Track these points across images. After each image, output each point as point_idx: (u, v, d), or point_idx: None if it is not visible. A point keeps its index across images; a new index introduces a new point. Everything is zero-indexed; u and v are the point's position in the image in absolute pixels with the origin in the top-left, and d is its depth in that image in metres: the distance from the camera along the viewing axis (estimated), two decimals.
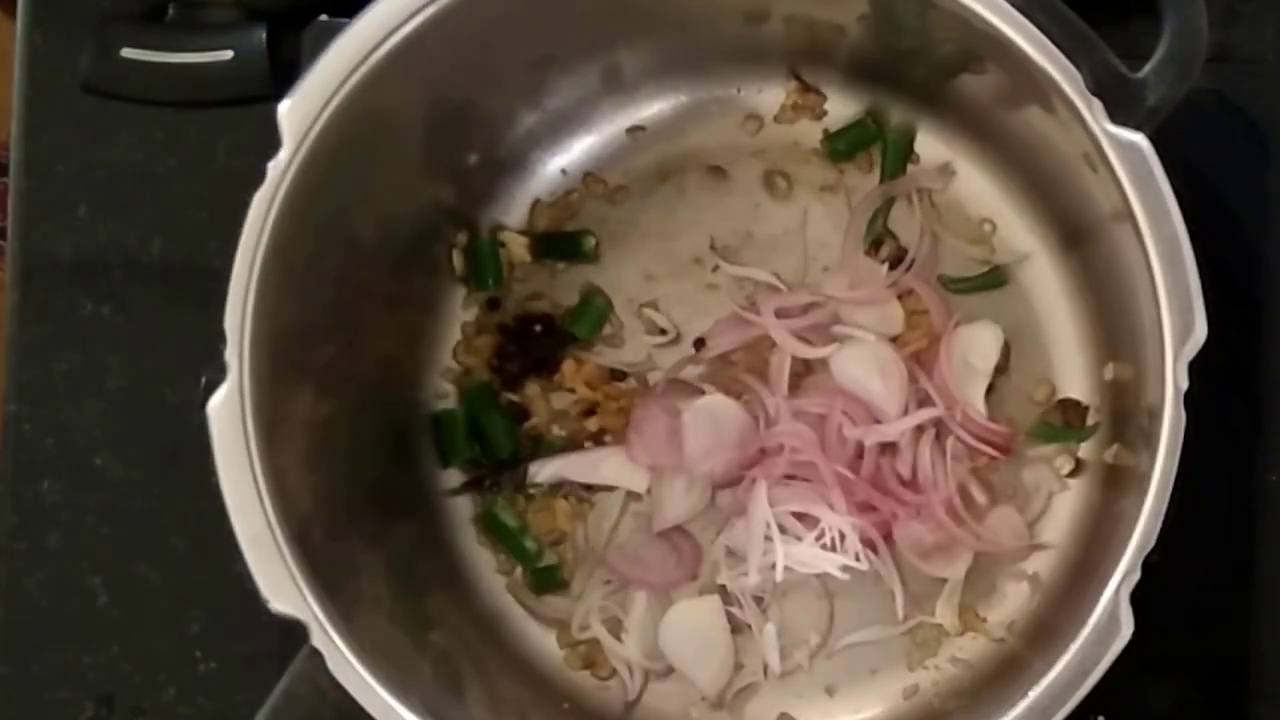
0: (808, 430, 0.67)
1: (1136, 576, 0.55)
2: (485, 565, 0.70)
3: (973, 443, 0.68)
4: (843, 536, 0.66)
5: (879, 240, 0.69)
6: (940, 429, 0.68)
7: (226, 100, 0.70)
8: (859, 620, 0.68)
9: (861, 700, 0.68)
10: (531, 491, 0.70)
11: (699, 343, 0.69)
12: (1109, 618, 0.55)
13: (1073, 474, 0.68)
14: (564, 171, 0.71)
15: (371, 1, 0.58)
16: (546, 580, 0.69)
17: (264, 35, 0.69)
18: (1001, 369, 0.68)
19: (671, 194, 0.71)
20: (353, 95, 0.58)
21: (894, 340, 0.68)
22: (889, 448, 0.67)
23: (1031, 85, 0.57)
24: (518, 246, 0.70)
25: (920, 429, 0.67)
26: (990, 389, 0.68)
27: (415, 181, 0.67)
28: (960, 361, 0.68)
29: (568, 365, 0.69)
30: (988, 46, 0.57)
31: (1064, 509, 0.68)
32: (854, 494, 0.67)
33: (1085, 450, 0.68)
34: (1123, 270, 0.59)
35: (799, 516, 0.67)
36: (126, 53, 0.70)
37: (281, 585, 0.57)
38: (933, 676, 0.68)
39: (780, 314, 0.68)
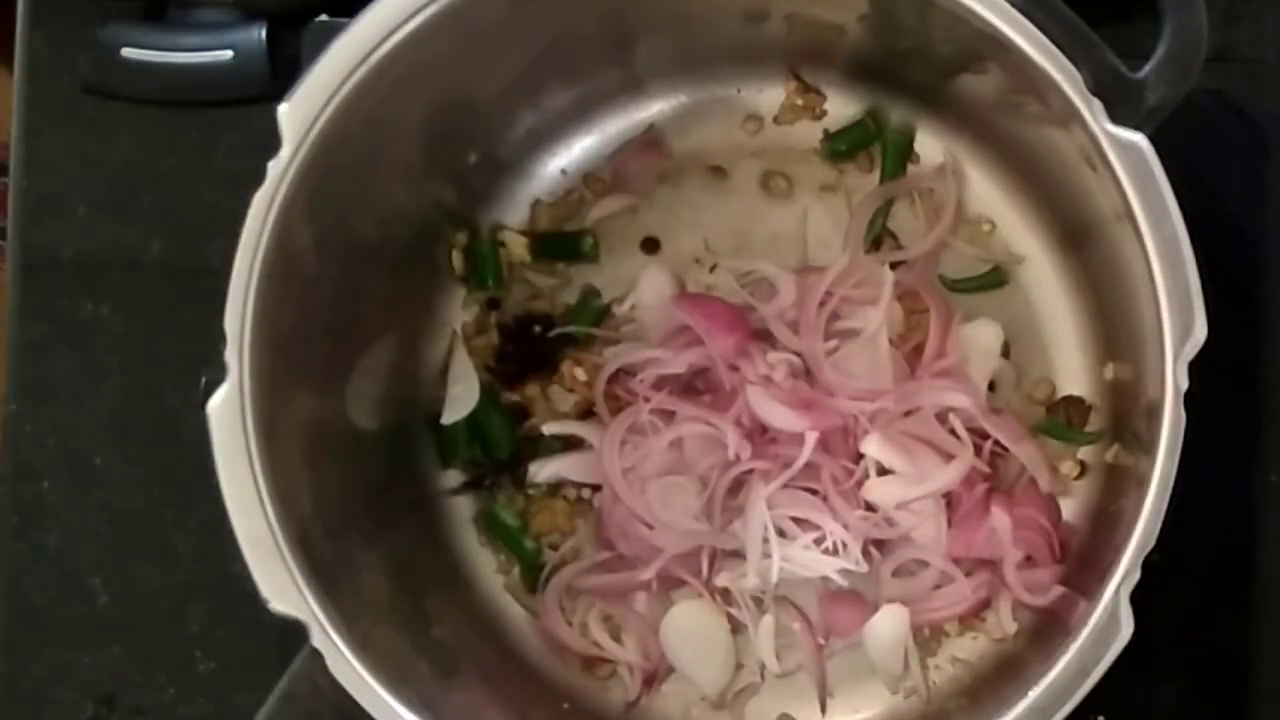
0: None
1: (1136, 576, 0.55)
2: (485, 565, 0.70)
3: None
4: (844, 544, 0.66)
5: (879, 240, 0.69)
6: None
7: (226, 100, 0.70)
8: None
9: (861, 700, 0.68)
10: (531, 491, 0.70)
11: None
12: (1109, 618, 0.55)
13: (1077, 478, 0.68)
14: (564, 171, 0.71)
15: (371, 1, 0.58)
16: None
17: (264, 35, 0.69)
18: None
19: (671, 194, 0.71)
20: (353, 95, 0.58)
21: (894, 340, 0.68)
22: None
23: (1031, 85, 0.57)
24: (518, 246, 0.70)
25: None
26: (990, 388, 0.68)
27: (415, 181, 0.67)
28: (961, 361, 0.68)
29: (567, 365, 0.70)
30: (988, 46, 0.57)
31: (1065, 510, 0.68)
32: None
33: (1086, 451, 0.68)
34: (1123, 270, 0.59)
35: (798, 520, 0.66)
36: (126, 53, 0.70)
37: (281, 585, 0.57)
38: (933, 676, 0.68)
39: (780, 313, 0.68)
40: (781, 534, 0.66)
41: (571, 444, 0.69)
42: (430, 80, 0.61)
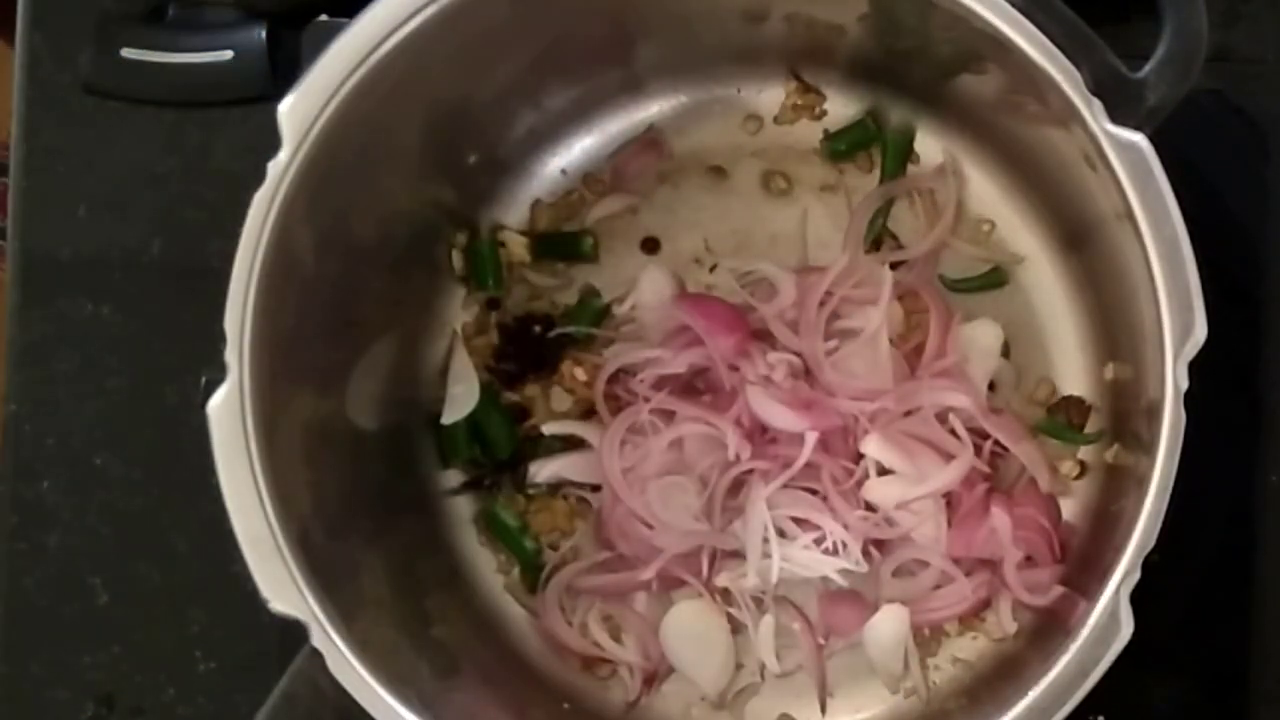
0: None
1: (1136, 576, 0.55)
2: (485, 565, 0.70)
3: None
4: (845, 544, 0.66)
5: (879, 240, 0.69)
6: None
7: (226, 100, 0.71)
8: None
9: (861, 700, 0.68)
10: (531, 491, 0.70)
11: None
12: (1109, 618, 0.55)
13: (1078, 478, 0.68)
14: (564, 171, 0.71)
15: (371, 1, 0.58)
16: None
17: (264, 35, 0.69)
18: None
19: (671, 194, 0.71)
20: (353, 95, 0.58)
21: (894, 340, 0.68)
22: None
23: (1031, 85, 0.57)
24: (518, 246, 0.70)
25: None
26: (990, 388, 0.68)
27: (415, 181, 0.67)
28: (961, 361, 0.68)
29: (567, 365, 0.70)
30: (988, 46, 0.57)
31: (1065, 510, 0.68)
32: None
33: (1086, 451, 0.68)
34: (1123, 270, 0.59)
35: (798, 520, 0.66)
36: (126, 53, 0.70)
37: (281, 585, 0.57)
38: (933, 676, 0.68)
39: (780, 313, 0.68)
40: (781, 534, 0.66)
41: (571, 444, 0.69)
42: (430, 80, 0.61)
